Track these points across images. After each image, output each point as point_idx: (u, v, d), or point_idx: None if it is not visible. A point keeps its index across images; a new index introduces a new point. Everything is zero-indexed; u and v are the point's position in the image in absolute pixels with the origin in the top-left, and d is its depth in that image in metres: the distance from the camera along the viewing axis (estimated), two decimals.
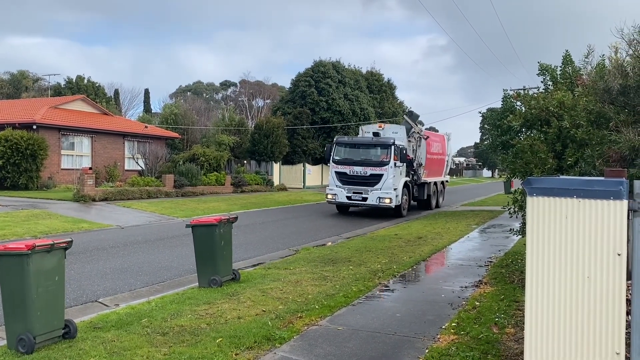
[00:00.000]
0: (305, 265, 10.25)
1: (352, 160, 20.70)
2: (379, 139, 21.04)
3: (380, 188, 19.92)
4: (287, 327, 6.17)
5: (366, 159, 20.53)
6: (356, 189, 20.31)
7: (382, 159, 20.15)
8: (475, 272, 9.47)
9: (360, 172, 20.28)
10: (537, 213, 3.32)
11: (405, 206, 21.36)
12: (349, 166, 20.53)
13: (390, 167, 19.92)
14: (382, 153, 20.32)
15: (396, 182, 20.24)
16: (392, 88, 52.89)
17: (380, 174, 19.98)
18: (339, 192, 20.56)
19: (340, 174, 20.71)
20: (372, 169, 20.13)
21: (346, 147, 21.20)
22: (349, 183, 20.45)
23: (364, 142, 21.22)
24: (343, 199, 20.56)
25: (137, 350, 5.37)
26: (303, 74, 44.15)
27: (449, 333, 5.96)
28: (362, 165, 20.32)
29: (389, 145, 20.19)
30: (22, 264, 5.29)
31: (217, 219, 8.57)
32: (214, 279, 8.27)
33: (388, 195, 19.78)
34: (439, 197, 26.35)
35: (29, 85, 54.15)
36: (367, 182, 20.14)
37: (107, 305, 7.66)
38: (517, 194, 9.19)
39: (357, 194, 20.26)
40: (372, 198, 19.97)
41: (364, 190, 20.16)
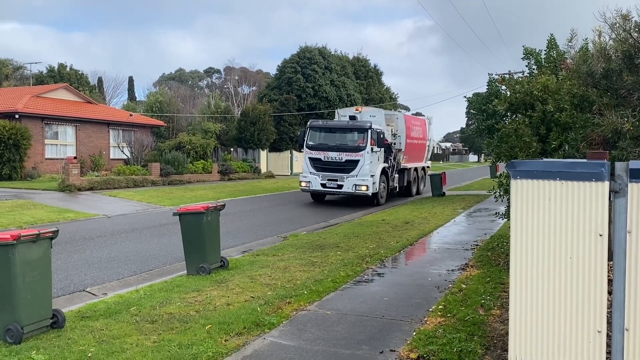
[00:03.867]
0: (293, 251, 10.29)
1: (326, 145, 19.73)
2: (355, 123, 20.14)
3: (356, 175, 19.00)
4: (276, 312, 6.21)
5: (342, 144, 19.62)
6: (331, 176, 19.39)
7: (359, 144, 19.21)
8: (461, 256, 9.58)
9: (336, 158, 19.40)
10: (520, 195, 3.36)
11: (384, 194, 20.49)
12: (324, 152, 19.59)
13: (366, 152, 19.01)
14: (359, 138, 19.38)
15: (373, 169, 19.35)
16: (379, 74, 52.90)
17: (356, 159, 19.09)
18: (313, 179, 19.64)
19: (314, 160, 19.79)
20: (348, 154, 19.22)
21: (320, 131, 20.23)
22: (323, 170, 19.53)
23: (339, 126, 20.25)
24: (317, 187, 19.63)
25: (126, 338, 5.38)
26: (289, 60, 43.93)
27: (436, 315, 6.05)
28: (338, 151, 19.42)
29: (366, 129, 19.24)
30: (8, 255, 5.25)
31: (204, 207, 8.55)
32: (202, 267, 8.28)
33: (364, 183, 18.90)
34: (420, 183, 25.56)
35: (10, 74, 53.16)
36: (342, 168, 19.25)
37: (95, 295, 7.64)
38: (503, 177, 9.29)
39: (332, 181, 19.36)
40: (348, 185, 19.08)
41: (340, 177, 19.23)
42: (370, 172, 19.08)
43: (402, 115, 24.07)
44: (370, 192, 19.03)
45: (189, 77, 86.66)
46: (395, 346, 5.14)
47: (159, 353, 4.93)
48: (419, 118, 28.25)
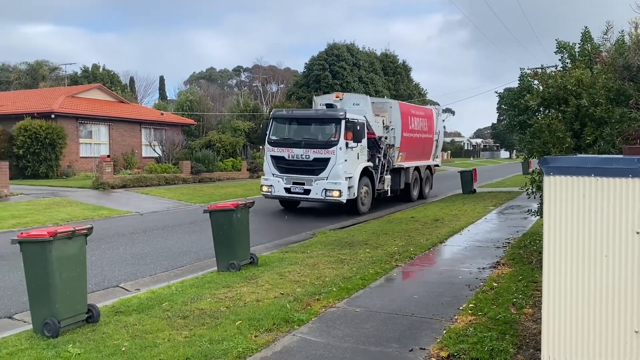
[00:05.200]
0: (322, 248, 10.30)
1: (291, 140, 15.97)
2: (326, 112, 16.28)
3: (326, 177, 15.21)
4: (305, 309, 6.23)
5: (309, 139, 15.83)
6: (297, 179, 15.66)
7: (330, 139, 15.42)
8: (493, 254, 9.44)
9: (302, 156, 15.59)
10: (554, 192, 3.29)
11: (366, 200, 16.58)
12: (288, 149, 15.83)
13: (339, 148, 15.16)
14: (330, 130, 15.62)
15: (350, 169, 15.51)
16: (407, 70, 52.48)
17: (326, 157, 15.27)
18: (276, 182, 15.93)
19: (277, 159, 16.07)
20: (316, 151, 15.43)
21: (285, 123, 16.55)
22: (288, 170, 15.84)
23: (306, 117, 16.63)
24: (280, 192, 15.83)
25: (158, 333, 5.48)
26: (317, 58, 43.95)
27: (466, 314, 5.98)
28: (304, 147, 15.60)
29: (338, 120, 15.39)
30: (45, 251, 5.40)
31: (234, 204, 8.64)
32: (233, 263, 8.37)
33: (336, 187, 15.08)
34: (424, 185, 21.46)
35: (46, 75, 54.67)
36: (310, 169, 15.51)
37: (129, 290, 7.80)
38: (535, 174, 9.11)
39: (297, 185, 15.62)
40: (317, 190, 15.28)
41: (307, 179, 15.47)
42: (344, 173, 15.28)
43: (397, 103, 19.46)
44: (343, 198, 15.19)
45: (219, 76, 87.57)
46: (425, 344, 5.10)
47: (191, 348, 5.01)
48: (422, 107, 23.75)
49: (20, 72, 54.97)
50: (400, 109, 19.07)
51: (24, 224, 13.33)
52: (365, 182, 16.47)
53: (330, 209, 17.32)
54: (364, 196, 16.46)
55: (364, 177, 16.38)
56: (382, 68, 48.16)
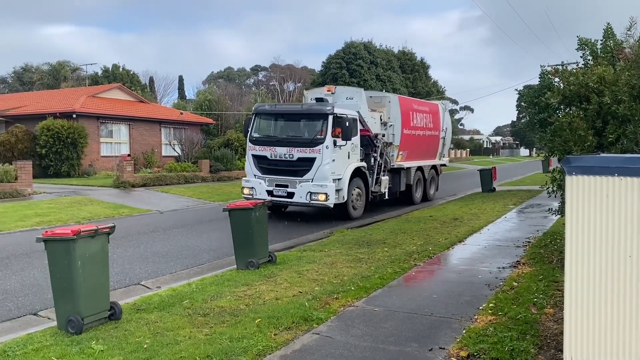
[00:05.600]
0: (339, 247, 10.32)
1: (274, 138, 14.69)
2: (312, 107, 14.87)
3: (311, 178, 13.83)
4: (324, 308, 6.25)
5: (293, 137, 14.57)
6: (280, 180, 14.28)
7: (316, 136, 14.06)
8: (513, 253, 9.36)
9: (285, 156, 14.22)
10: (576, 192, 3.26)
11: (359, 204, 15.15)
12: (270, 147, 14.48)
13: (325, 147, 13.79)
14: (316, 127, 14.29)
15: (338, 169, 14.12)
16: (426, 67, 52.15)
17: (311, 157, 13.90)
18: (257, 184, 14.55)
19: (259, 159, 14.73)
20: (301, 150, 14.05)
21: (268, 119, 15.31)
22: (270, 171, 14.49)
23: (290, 112, 15.47)
24: (262, 195, 14.17)
25: (179, 330, 5.55)
26: (334, 56, 43.87)
27: (486, 314, 5.94)
28: (288, 146, 14.25)
29: (325, 115, 14.00)
30: (69, 249, 5.50)
31: (252, 203, 8.71)
32: (251, 262, 8.43)
33: (322, 190, 13.67)
34: (428, 186, 19.96)
35: (68, 75, 55.57)
36: (294, 169, 14.15)
37: (149, 288, 7.91)
38: (556, 172, 9.00)
39: (280, 188, 14.26)
40: (301, 193, 13.88)
41: (290, 182, 14.09)
42: (332, 174, 13.86)
43: (396, 97, 18.00)
44: (331, 202, 13.78)
45: (237, 75, 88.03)
46: (444, 344, 5.08)
47: (211, 346, 5.06)
48: (426, 102, 21.82)
49: (43, 73, 55.98)
50: (400, 103, 17.50)
51: (47, 222, 13.57)
52: (357, 184, 15.02)
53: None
54: (356, 199, 15.00)
55: (356, 178, 14.94)
56: (399, 66, 47.91)
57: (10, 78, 59.91)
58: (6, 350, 5.08)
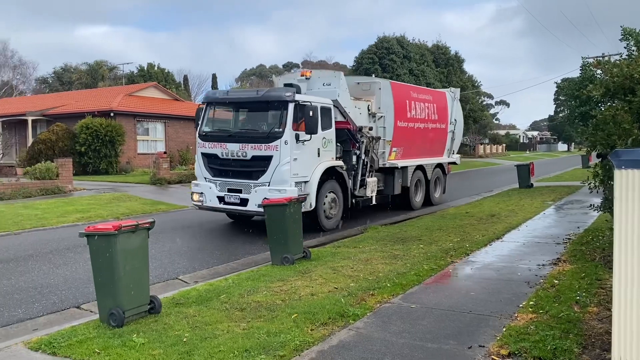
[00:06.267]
0: (374, 243, 10.27)
1: (226, 133, 12.25)
2: (269, 93, 12.10)
3: (268, 182, 11.31)
4: (360, 304, 6.23)
5: (247, 130, 12.15)
6: (232, 184, 11.79)
7: (273, 129, 11.51)
8: (553, 250, 9.13)
9: (238, 154, 11.68)
10: (625, 186, 3.14)
11: (333, 212, 12.49)
12: (221, 143, 11.97)
13: (284, 142, 11.18)
14: (273, 118, 11.92)
15: (303, 170, 11.59)
16: (460, 61, 51.39)
17: (267, 155, 11.33)
18: (207, 189, 12.07)
19: (209, 158, 12.24)
20: (255, 147, 11.47)
21: (221, 109, 12.94)
22: (222, 173, 12.00)
23: (243, 99, 12.56)
24: (213, 202, 11.96)
25: (217, 324, 5.62)
26: (366, 51, 43.72)
27: (526, 312, 5.81)
28: (241, 142, 11.72)
29: (284, 103, 11.43)
30: (110, 244, 5.63)
31: (287, 199, 8.77)
32: (286, 257, 8.46)
33: (281, 196, 10.39)
34: (432, 189, 17.10)
35: (105, 75, 56.99)
36: (248, 171, 11.62)
37: (187, 283, 8.03)
38: (598, 167, 8.74)
39: (233, 193, 11.73)
40: (256, 200, 11.16)
41: (244, 186, 11.56)
42: (294, 176, 11.35)
43: (388, 83, 15.11)
44: None
45: (269, 72, 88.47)
46: (484, 342, 5.00)
47: (249, 340, 5.10)
48: (429, 90, 19.04)
49: (81, 73, 57.54)
50: (393, 90, 14.78)
51: (88, 218, 13.94)
52: (331, 187, 12.35)
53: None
54: (330, 207, 12.37)
55: (330, 181, 12.38)
56: (433, 60, 47.36)
57: (50, 78, 61.82)
58: (52, 342, 5.23)
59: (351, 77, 14.56)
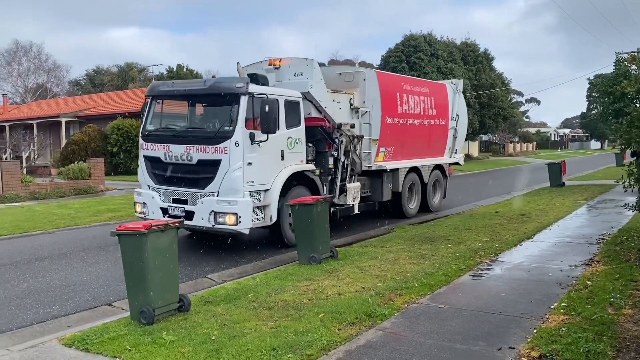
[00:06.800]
0: (401, 243, 10.20)
1: (171, 132, 10.37)
2: (217, 84, 9.94)
3: (216, 191, 9.33)
4: (387, 304, 6.20)
5: (194, 129, 10.38)
6: (178, 194, 9.84)
7: (223, 128, 9.54)
8: (585, 250, 8.93)
9: (182, 157, 9.73)
10: None
11: None
12: (164, 145, 10.03)
13: (235, 143, 9.17)
14: (222, 114, 9.92)
15: (261, 176, 9.59)
16: (489, 58, 50.57)
17: (214, 159, 9.35)
18: (150, 199, 10.22)
19: (152, 162, 10.36)
20: (202, 149, 9.51)
21: (167, 103, 10.96)
22: (165, 180, 10.08)
23: (189, 92, 10.35)
24: (156, 214, 10.02)
25: (245, 323, 5.66)
26: (393, 50, 43.44)
27: (558, 313, 5.70)
28: (185, 143, 9.76)
29: (235, 96, 9.41)
30: (141, 243, 5.73)
31: (314, 198, 8.79)
32: (313, 256, 8.48)
33: (230, 208, 9.14)
34: (429, 193, 15.10)
35: (135, 76, 58.05)
36: (194, 177, 9.66)
37: (215, 281, 8.11)
38: (633, 165, 8.51)
39: (178, 204, 9.81)
40: (202, 212, 9.35)
41: (190, 196, 9.65)
42: (247, 184, 9.34)
43: (374, 73, 12.98)
44: (244, 226, 9.25)
45: None
46: (514, 343, 4.91)
47: (276, 339, 5.13)
48: (425, 81, 16.54)
49: (112, 75, 58.77)
50: (380, 82, 12.76)
51: (119, 217, 14.22)
52: (300, 195, 10.20)
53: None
54: None
55: (298, 188, 10.50)
56: (461, 58, 46.71)
57: (83, 80, 63.31)
58: (84, 339, 5.35)
59: (332, 67, 12.46)
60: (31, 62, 57.51)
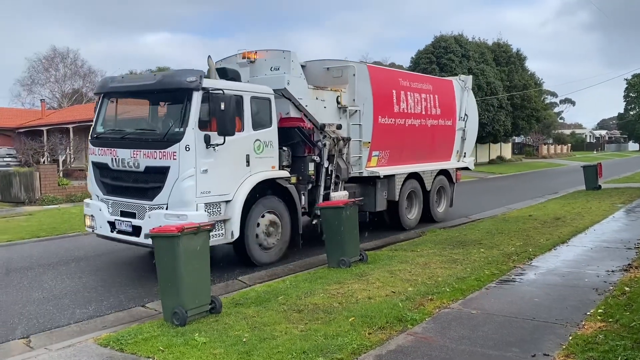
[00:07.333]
0: (432, 247, 10.10)
1: (119, 134, 9.02)
2: (164, 78, 8.56)
3: (165, 203, 8.10)
4: (418, 309, 6.15)
5: (142, 131, 9.09)
6: (126, 205, 8.61)
7: (173, 130, 8.25)
8: (623, 255, 8.68)
9: (129, 164, 8.50)
10: None
11: (273, 240, 9.34)
12: (111, 149, 8.77)
13: (185, 147, 7.94)
14: (172, 113, 8.84)
15: (220, 185, 8.35)
16: (522, 59, 49.68)
17: (162, 166, 8.11)
18: (97, 210, 8.99)
19: (100, 169, 9.05)
20: (148, 154, 8.26)
21: (115, 102, 9.54)
22: (114, 190, 8.83)
23: (137, 88, 9.04)
24: (104, 229, 8.87)
25: (275, 325, 5.69)
26: (423, 51, 43.10)
27: (595, 320, 5.55)
28: (132, 147, 8.49)
29: (186, 92, 8.16)
30: (174, 245, 5.83)
31: (343, 202, 8.77)
32: (343, 260, 8.47)
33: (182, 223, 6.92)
34: (433, 201, 13.79)
35: None
36: (141, 187, 8.41)
37: (246, 283, 8.18)
38: None
39: (125, 218, 8.54)
40: (150, 228, 7.04)
41: (139, 208, 8.40)
42: (201, 195, 8.10)
43: (365, 67, 11.49)
44: None
45: None
46: (549, 350, 4.81)
47: (307, 342, 5.15)
48: (427, 77, 14.43)
49: None
50: (372, 77, 11.33)
51: None
52: (270, 206, 9.26)
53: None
54: (266, 234, 9.19)
55: (268, 198, 9.28)
56: (493, 58, 46.01)
57: None
58: (119, 339, 5.47)
59: (318, 61, 11.62)
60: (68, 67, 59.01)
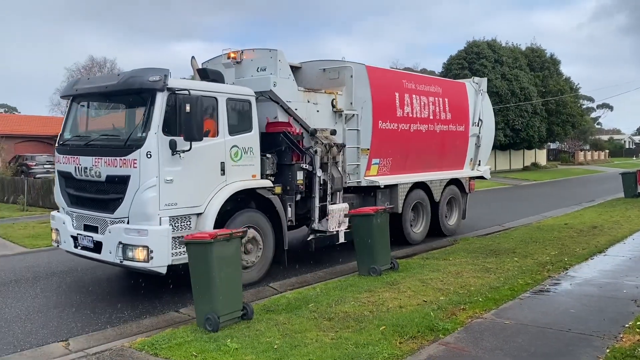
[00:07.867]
0: (465, 256, 9.98)
1: (82, 140, 8.34)
2: (127, 78, 7.57)
3: (125, 216, 7.37)
4: (450, 318, 6.09)
5: (105, 137, 8.29)
6: (88, 219, 7.96)
7: (135, 135, 7.52)
8: None
9: (91, 172, 7.82)
10: None
11: (253, 258, 8.38)
12: (75, 157, 8.12)
13: (147, 154, 7.16)
14: (133, 117, 8.13)
15: (188, 196, 7.56)
16: (556, 63, 48.73)
17: (123, 175, 7.37)
18: (61, 224, 8.41)
19: (65, 178, 8.40)
20: (109, 162, 7.56)
21: (81, 106, 8.72)
22: (78, 201, 8.18)
23: (98, 90, 8.05)
24: (68, 244, 8.26)
25: (306, 333, 5.72)
26: (455, 57, 42.75)
27: (633, 332, 5.40)
28: (94, 154, 7.81)
29: (149, 93, 7.41)
30: (207, 251, 5.93)
31: (373, 209, 8.74)
32: (373, 268, 8.44)
33: (140, 240, 7.11)
34: (443, 214, 12.80)
35: None
36: (102, 198, 7.72)
37: (277, 290, 8.24)
38: None
39: (88, 232, 7.91)
40: (110, 243, 7.41)
41: (101, 221, 7.71)
42: (166, 207, 7.32)
43: (363, 68, 10.47)
44: (158, 263, 7.24)
45: None
46: None
47: (337, 350, 5.15)
48: (434, 79, 13.17)
49: None
50: (371, 79, 10.45)
51: None
52: (249, 220, 8.36)
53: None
54: (244, 252, 8.15)
55: (248, 212, 8.44)
56: (527, 63, 45.27)
57: None
58: (154, 343, 5.59)
59: (314, 62, 10.88)
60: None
